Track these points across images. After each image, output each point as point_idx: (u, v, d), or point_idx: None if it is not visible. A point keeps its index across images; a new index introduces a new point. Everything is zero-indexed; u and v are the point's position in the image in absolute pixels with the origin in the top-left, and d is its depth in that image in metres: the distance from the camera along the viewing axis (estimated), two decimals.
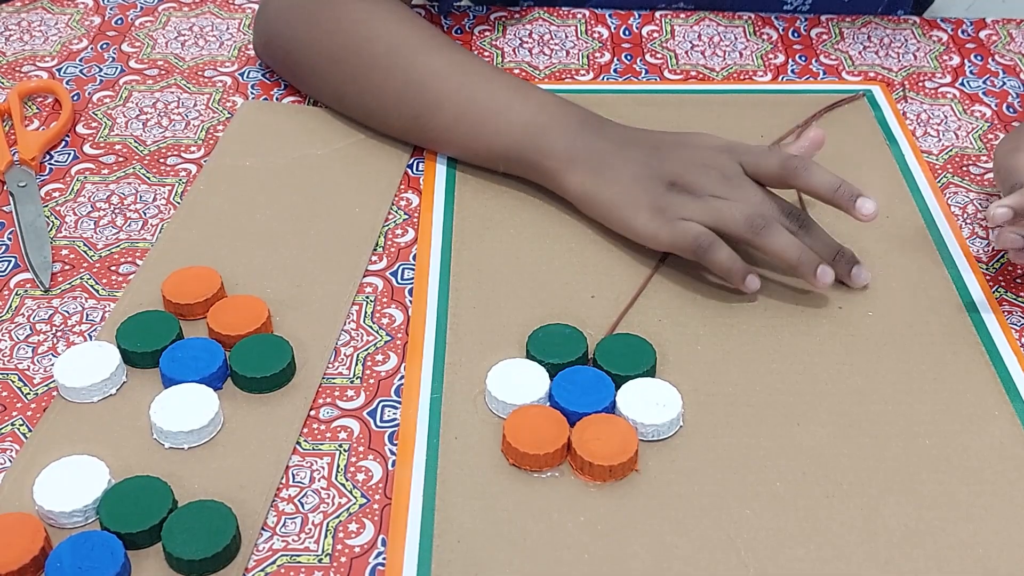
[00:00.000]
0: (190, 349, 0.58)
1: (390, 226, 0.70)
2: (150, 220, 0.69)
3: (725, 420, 0.57)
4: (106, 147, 0.76)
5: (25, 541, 0.49)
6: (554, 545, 0.51)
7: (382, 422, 0.57)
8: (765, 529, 0.52)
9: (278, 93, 0.81)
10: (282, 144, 0.75)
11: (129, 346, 0.58)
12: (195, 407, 0.55)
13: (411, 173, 0.74)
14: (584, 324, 0.62)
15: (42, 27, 0.88)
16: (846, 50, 0.88)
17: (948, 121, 0.80)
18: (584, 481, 0.54)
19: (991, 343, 0.62)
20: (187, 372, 0.57)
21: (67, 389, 0.57)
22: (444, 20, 0.90)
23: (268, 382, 0.57)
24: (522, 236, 0.69)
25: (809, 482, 0.54)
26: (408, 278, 0.66)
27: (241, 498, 0.52)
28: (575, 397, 0.56)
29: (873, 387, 0.59)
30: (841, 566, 0.51)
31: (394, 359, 0.61)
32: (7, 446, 0.55)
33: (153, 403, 0.55)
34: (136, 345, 0.58)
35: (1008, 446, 0.56)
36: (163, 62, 0.84)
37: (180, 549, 0.49)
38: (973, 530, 0.52)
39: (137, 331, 0.59)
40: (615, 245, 0.68)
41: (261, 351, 0.58)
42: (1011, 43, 0.89)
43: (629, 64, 0.85)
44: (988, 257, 0.69)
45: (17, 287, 0.64)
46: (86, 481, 0.52)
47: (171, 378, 0.57)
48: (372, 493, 0.54)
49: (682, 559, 0.51)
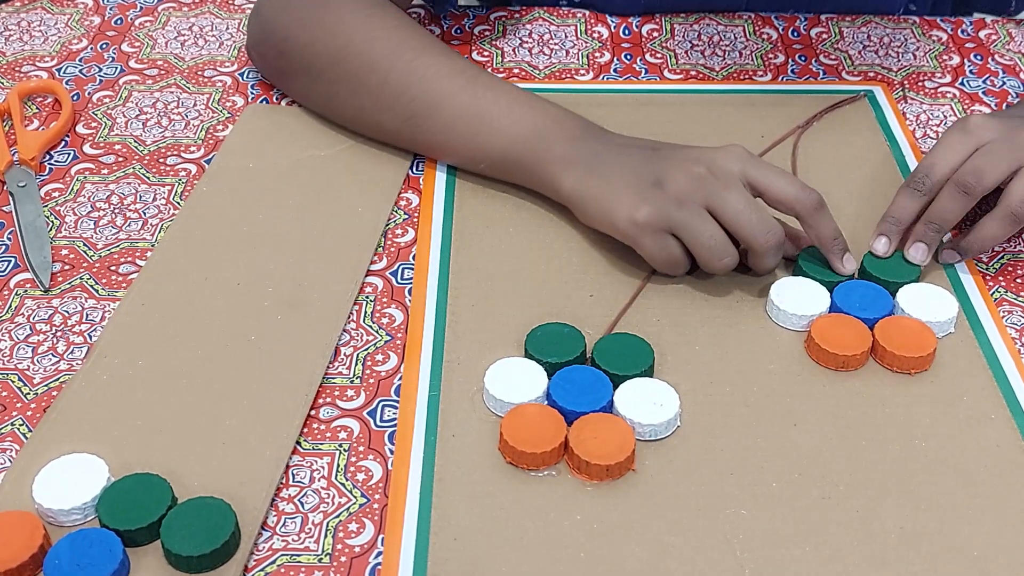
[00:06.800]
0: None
1: (390, 226, 0.70)
2: (150, 220, 0.70)
3: (722, 420, 0.57)
4: (106, 147, 0.76)
5: (24, 539, 0.49)
6: (550, 544, 0.51)
7: (382, 422, 0.57)
8: (761, 529, 0.52)
9: (278, 93, 0.81)
10: (285, 146, 0.75)
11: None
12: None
13: (411, 173, 0.74)
14: (582, 323, 0.62)
15: (42, 27, 0.88)
16: (846, 50, 0.88)
17: (948, 121, 0.80)
18: (581, 480, 0.54)
19: (988, 346, 0.62)
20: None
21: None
22: (444, 20, 0.90)
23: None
24: (521, 236, 0.69)
25: (806, 483, 0.54)
26: (408, 278, 0.66)
27: (241, 495, 0.52)
28: (573, 396, 0.57)
29: (870, 388, 0.60)
30: (837, 567, 0.51)
31: (394, 359, 0.61)
32: (7, 446, 0.55)
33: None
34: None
35: (1004, 449, 0.56)
36: (163, 62, 0.84)
37: (179, 546, 0.49)
38: (969, 533, 0.52)
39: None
40: (614, 245, 0.68)
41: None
42: (1011, 43, 0.89)
43: (629, 64, 0.85)
44: (988, 258, 0.69)
45: (17, 287, 0.65)
46: (85, 479, 0.52)
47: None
48: (372, 493, 0.54)
49: (678, 559, 0.51)
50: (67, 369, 0.60)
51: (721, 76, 0.84)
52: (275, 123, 0.78)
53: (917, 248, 0.65)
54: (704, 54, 0.87)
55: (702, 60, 0.86)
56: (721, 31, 0.89)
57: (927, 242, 0.65)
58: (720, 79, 0.84)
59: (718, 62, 0.86)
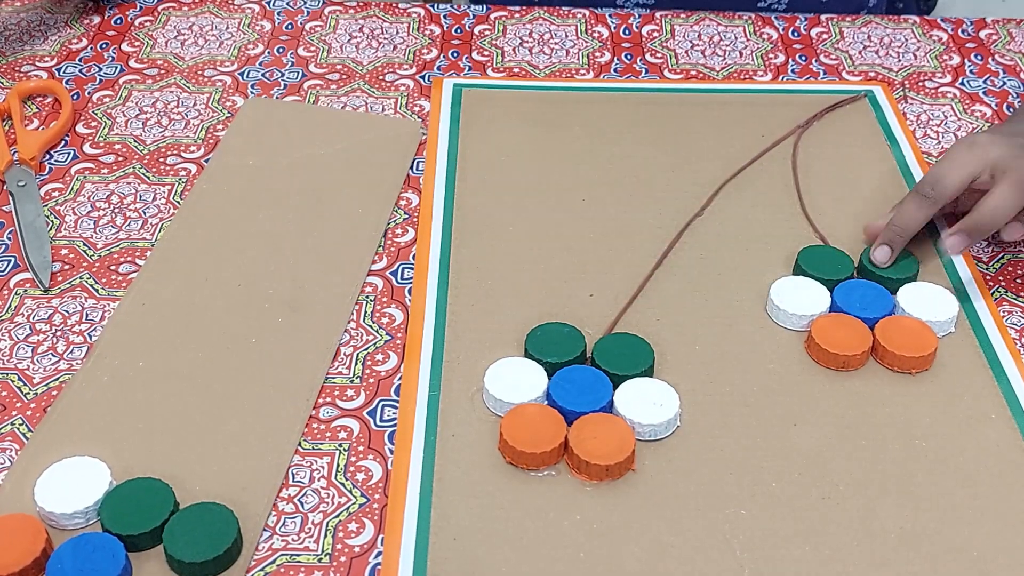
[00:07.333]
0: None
1: (390, 226, 0.70)
2: (150, 220, 0.70)
3: (722, 420, 0.57)
4: (106, 147, 0.76)
5: (26, 543, 0.49)
6: (550, 544, 0.51)
7: (382, 422, 0.57)
8: (761, 530, 0.52)
9: (278, 93, 0.81)
10: (285, 143, 0.75)
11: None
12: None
13: (411, 173, 0.74)
14: (582, 323, 0.62)
15: (42, 27, 0.88)
16: (846, 50, 0.88)
17: (948, 121, 0.81)
18: (581, 480, 0.54)
19: (988, 346, 0.62)
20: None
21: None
22: (444, 20, 0.90)
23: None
24: (521, 236, 0.69)
25: (806, 483, 0.54)
26: (408, 278, 0.66)
27: (243, 500, 0.52)
28: (573, 396, 0.57)
29: (870, 388, 0.60)
30: (837, 567, 0.51)
31: (394, 359, 0.61)
32: (7, 446, 0.55)
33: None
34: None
35: (1005, 449, 0.56)
36: (163, 62, 0.84)
37: (182, 551, 0.49)
38: (969, 533, 0.52)
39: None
40: (614, 245, 0.68)
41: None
42: (1011, 43, 0.89)
43: (629, 63, 0.85)
44: (988, 258, 0.69)
45: (17, 287, 0.65)
46: (87, 483, 0.52)
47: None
48: (372, 493, 0.54)
49: (678, 559, 0.51)
50: (67, 369, 0.60)
51: (721, 76, 0.84)
52: (274, 119, 0.78)
53: (883, 250, 0.65)
54: (704, 54, 0.87)
55: (702, 60, 0.86)
56: (721, 31, 0.89)
57: (893, 246, 0.65)
58: (720, 79, 0.84)
59: (718, 62, 0.86)
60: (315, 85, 0.82)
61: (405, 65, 0.85)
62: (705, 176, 0.73)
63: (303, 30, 0.88)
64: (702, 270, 0.66)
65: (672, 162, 0.75)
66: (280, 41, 0.87)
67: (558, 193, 0.72)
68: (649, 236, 0.69)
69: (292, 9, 0.91)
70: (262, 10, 0.91)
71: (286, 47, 0.86)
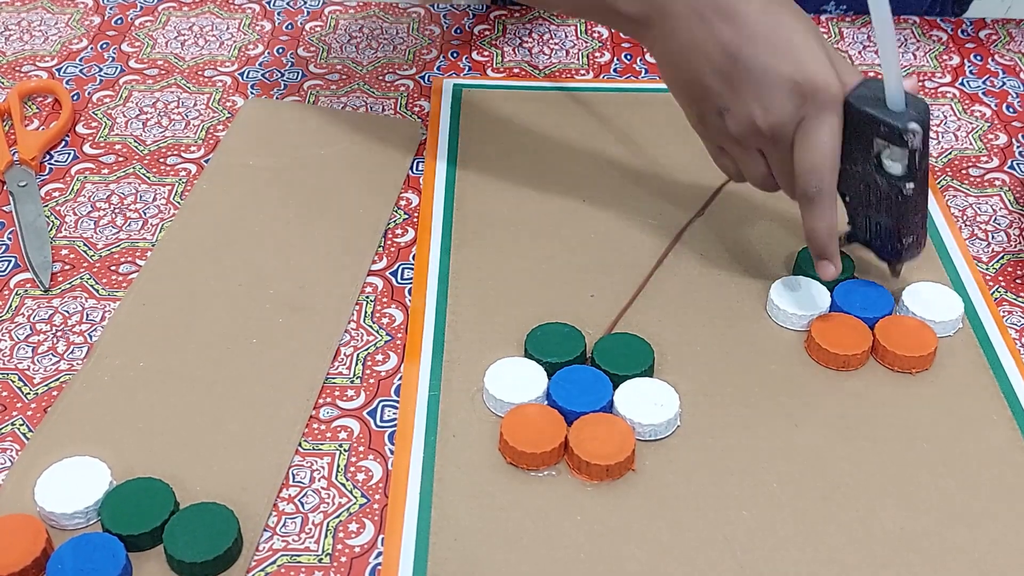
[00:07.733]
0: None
1: (390, 226, 0.70)
2: (150, 220, 0.70)
3: (723, 421, 0.57)
4: (106, 147, 0.76)
5: (26, 543, 0.49)
6: (550, 544, 0.51)
7: (382, 422, 0.57)
8: (761, 530, 0.52)
9: (278, 93, 0.81)
10: (285, 143, 0.75)
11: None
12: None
13: (411, 173, 0.74)
14: (583, 323, 0.62)
15: (42, 27, 0.88)
16: (846, 50, 0.88)
17: (948, 121, 0.81)
18: (581, 480, 0.54)
19: (989, 346, 0.62)
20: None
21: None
22: (444, 20, 0.90)
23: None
24: (521, 236, 0.69)
25: (806, 484, 0.54)
26: (408, 278, 0.66)
27: (243, 500, 0.52)
28: (573, 396, 0.57)
29: (870, 388, 0.60)
30: (837, 569, 0.51)
31: (394, 359, 0.61)
32: (7, 446, 0.55)
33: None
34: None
35: (1006, 451, 0.56)
36: (163, 62, 0.84)
37: (182, 551, 0.49)
38: (970, 535, 0.52)
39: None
40: (614, 245, 0.68)
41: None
42: (1011, 43, 0.89)
43: (629, 64, 0.85)
44: (988, 258, 0.69)
45: (17, 287, 0.65)
46: (88, 482, 0.52)
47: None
48: (372, 493, 0.54)
49: (678, 559, 0.51)
50: (67, 369, 0.60)
51: None
52: (274, 118, 0.78)
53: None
54: None
55: None
56: None
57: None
58: None
59: None
60: (315, 85, 0.82)
61: (405, 65, 0.85)
62: (705, 176, 0.73)
63: (303, 30, 0.88)
64: (702, 270, 0.66)
65: (672, 162, 0.75)
66: (280, 41, 0.87)
67: (558, 193, 0.72)
68: (649, 236, 0.69)
69: (292, 9, 0.91)
70: (262, 10, 0.91)
71: (286, 47, 0.86)
